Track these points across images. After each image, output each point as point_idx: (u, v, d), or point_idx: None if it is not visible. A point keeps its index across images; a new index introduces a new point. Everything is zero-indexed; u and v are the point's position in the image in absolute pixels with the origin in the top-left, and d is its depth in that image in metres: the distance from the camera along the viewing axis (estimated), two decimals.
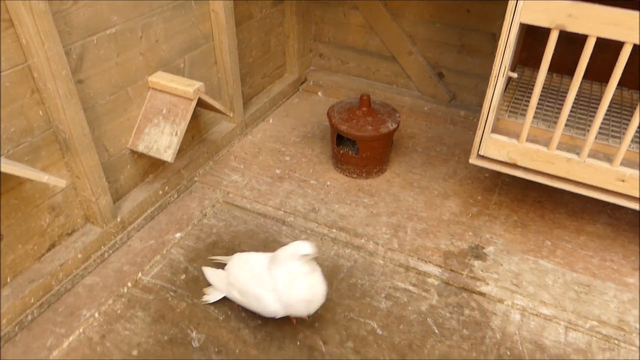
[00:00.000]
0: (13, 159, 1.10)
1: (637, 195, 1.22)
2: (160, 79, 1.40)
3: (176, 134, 1.37)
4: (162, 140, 1.38)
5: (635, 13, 1.02)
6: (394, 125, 1.56)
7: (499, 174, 1.68)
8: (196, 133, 1.68)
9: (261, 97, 1.96)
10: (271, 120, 1.95)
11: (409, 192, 1.62)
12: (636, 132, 1.37)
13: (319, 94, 2.12)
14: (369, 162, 1.61)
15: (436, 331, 1.22)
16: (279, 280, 1.10)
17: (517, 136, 1.31)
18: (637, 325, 1.23)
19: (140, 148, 1.40)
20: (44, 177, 1.03)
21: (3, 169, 0.96)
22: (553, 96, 1.56)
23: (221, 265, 1.29)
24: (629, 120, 1.42)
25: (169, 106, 1.40)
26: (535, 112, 1.44)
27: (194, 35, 1.54)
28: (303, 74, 2.16)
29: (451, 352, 1.17)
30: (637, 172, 1.20)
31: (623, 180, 1.21)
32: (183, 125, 1.38)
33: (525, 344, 1.19)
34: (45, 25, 1.04)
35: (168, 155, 1.37)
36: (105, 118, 1.32)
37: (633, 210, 1.40)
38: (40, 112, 1.14)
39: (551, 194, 1.61)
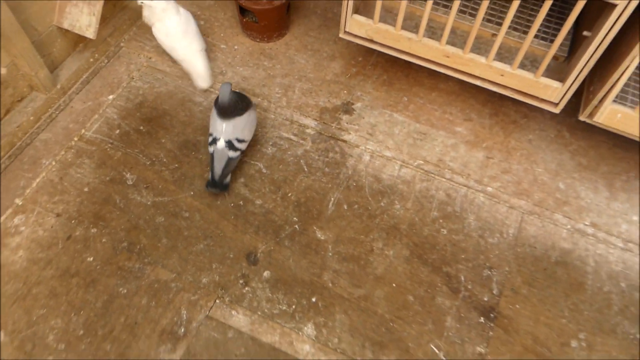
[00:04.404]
0: None
1: (460, 68, 1.58)
2: None
3: (94, 14, 1.62)
4: (83, 20, 1.63)
5: None
6: None
7: None
8: (117, 1, 1.90)
9: None
10: None
11: (302, 54, 1.94)
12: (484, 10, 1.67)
13: None
14: (268, 29, 1.89)
15: (305, 169, 1.68)
16: None
17: (385, 10, 1.60)
18: (451, 164, 1.71)
19: (65, 25, 1.66)
20: None
21: None
22: None
23: None
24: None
25: None
26: None
27: None
28: None
29: (313, 184, 1.65)
30: (460, 50, 1.54)
31: (448, 56, 1.56)
32: (99, 6, 1.62)
33: (367, 177, 1.67)
34: None
35: (90, 33, 1.64)
36: (27, 3, 1.55)
37: None
38: None
39: None
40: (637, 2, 1.19)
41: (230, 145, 1.55)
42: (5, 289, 1.42)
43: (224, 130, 1.54)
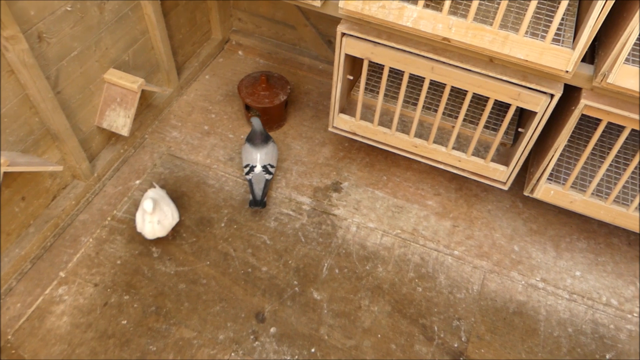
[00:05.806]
0: (24, 152, 1.73)
1: (426, 155, 1.96)
2: (113, 75, 1.97)
3: (128, 116, 1.99)
4: (119, 121, 2.00)
5: (405, 55, 1.66)
6: (284, 97, 2.20)
7: None
8: (144, 101, 2.28)
9: (192, 61, 2.52)
10: (201, 79, 2.54)
11: (298, 141, 2.31)
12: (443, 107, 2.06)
13: (240, 52, 2.68)
14: (269, 121, 2.27)
15: (302, 240, 2.00)
16: None
17: (366, 107, 1.99)
18: (424, 232, 2.05)
19: (104, 125, 2.02)
20: (49, 168, 1.68)
21: (26, 169, 1.61)
22: (396, 78, 2.21)
23: None
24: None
25: (121, 96, 1.99)
26: (376, 89, 2.09)
27: (133, 35, 2.06)
28: (227, 35, 2.69)
29: (310, 252, 1.97)
30: (425, 142, 1.92)
31: (416, 146, 1.94)
32: (132, 110, 1.98)
33: (354, 245, 2.00)
34: (33, 71, 1.61)
35: (124, 132, 2.00)
36: (78, 109, 1.91)
37: None
38: (36, 119, 1.74)
39: None
40: (552, 110, 1.59)
41: (266, 169, 2.00)
42: (53, 350, 1.69)
43: (259, 158, 2.01)
